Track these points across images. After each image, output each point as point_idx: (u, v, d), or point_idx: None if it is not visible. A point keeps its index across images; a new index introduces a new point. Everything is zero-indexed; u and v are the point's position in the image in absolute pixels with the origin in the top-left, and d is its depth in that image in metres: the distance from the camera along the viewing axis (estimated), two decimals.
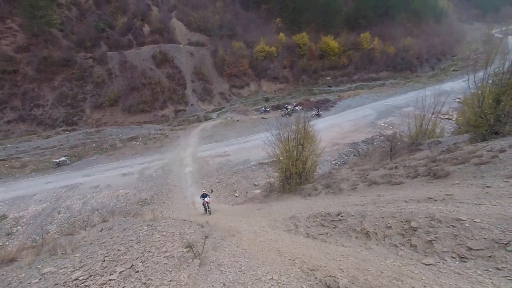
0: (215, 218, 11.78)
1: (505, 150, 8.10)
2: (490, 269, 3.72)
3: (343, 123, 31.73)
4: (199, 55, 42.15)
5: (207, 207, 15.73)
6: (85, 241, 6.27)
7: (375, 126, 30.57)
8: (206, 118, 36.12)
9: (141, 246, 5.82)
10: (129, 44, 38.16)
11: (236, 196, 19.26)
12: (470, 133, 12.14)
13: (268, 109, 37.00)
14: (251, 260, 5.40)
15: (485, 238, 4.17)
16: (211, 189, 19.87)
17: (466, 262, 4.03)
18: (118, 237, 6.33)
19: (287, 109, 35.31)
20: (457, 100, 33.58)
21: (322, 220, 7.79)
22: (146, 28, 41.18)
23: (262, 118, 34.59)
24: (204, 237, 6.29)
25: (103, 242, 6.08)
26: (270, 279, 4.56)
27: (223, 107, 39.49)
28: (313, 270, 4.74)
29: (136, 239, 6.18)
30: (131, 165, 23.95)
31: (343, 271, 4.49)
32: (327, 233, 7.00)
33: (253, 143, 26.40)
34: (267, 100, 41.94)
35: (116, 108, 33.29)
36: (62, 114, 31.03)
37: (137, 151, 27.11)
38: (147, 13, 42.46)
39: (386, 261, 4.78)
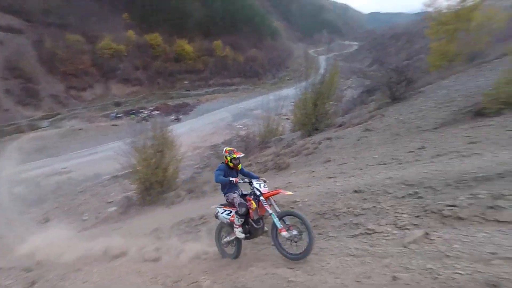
0: None
1: (322, 142, 10.72)
2: (316, 236, 4.71)
3: (203, 127, 32.78)
4: (13, 45, 31.96)
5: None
6: None
7: (232, 128, 33.29)
8: (33, 128, 28.10)
9: None
10: None
11: (84, 220, 15.88)
12: (301, 130, 15.40)
13: (120, 115, 33.01)
14: None
15: (312, 212, 5.28)
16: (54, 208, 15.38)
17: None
18: None
19: (137, 114, 32.72)
20: (292, 103, 41.76)
21: (186, 226, 7.66)
22: None
23: (112, 125, 30.56)
24: (30, 285, 4.76)
25: None
26: None
27: (58, 113, 31.79)
28: (177, 281, 4.56)
29: None
30: None
31: (206, 273, 4.53)
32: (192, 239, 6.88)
33: (103, 154, 22.71)
34: (118, 104, 37.25)
35: None
36: None
37: None
38: None
39: None
